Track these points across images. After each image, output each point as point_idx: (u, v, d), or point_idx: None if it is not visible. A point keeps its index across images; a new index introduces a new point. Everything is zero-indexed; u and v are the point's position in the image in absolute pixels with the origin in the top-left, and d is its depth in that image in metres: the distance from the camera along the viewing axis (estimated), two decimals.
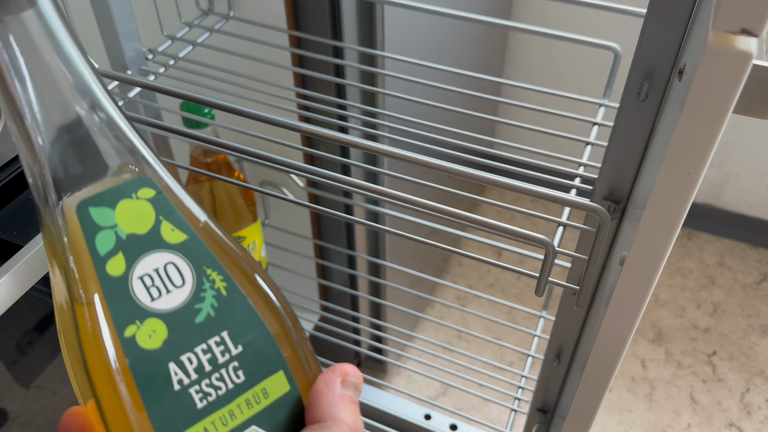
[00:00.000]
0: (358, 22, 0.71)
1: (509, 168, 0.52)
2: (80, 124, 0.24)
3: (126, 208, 0.25)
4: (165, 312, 0.24)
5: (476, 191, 1.49)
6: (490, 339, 0.77)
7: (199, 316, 0.25)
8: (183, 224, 0.25)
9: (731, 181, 1.43)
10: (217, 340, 0.24)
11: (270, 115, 0.47)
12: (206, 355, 0.24)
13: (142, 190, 0.25)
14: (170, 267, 0.25)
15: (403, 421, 0.84)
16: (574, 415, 0.50)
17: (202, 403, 0.24)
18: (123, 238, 0.24)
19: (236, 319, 0.25)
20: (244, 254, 0.27)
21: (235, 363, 0.25)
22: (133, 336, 0.23)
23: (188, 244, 0.25)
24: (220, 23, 0.69)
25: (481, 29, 1.14)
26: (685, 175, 0.32)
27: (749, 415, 1.20)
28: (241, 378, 0.25)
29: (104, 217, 0.24)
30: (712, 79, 0.28)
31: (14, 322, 0.50)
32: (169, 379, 0.23)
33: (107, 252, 0.24)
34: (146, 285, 0.24)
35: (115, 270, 0.24)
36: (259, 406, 0.25)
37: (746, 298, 1.39)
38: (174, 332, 0.24)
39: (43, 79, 0.24)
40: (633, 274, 0.38)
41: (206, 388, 0.24)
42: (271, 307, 0.26)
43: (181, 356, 0.24)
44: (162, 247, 0.25)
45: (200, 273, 0.25)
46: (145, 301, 0.24)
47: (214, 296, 0.25)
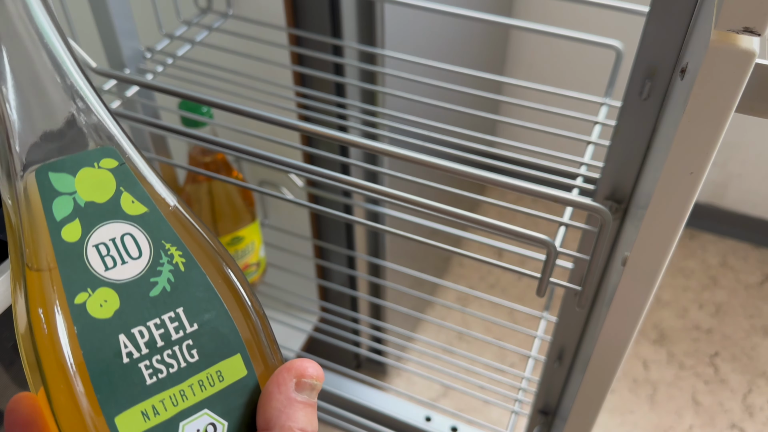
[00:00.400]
0: (358, 20, 0.71)
1: (510, 167, 0.52)
2: (47, 96, 0.24)
3: (87, 176, 0.24)
4: (118, 282, 0.23)
5: (477, 191, 1.48)
6: (491, 340, 0.77)
7: (155, 290, 0.24)
8: (144, 197, 0.25)
9: (734, 181, 1.43)
10: (171, 315, 0.24)
11: (269, 114, 0.46)
12: (159, 330, 0.23)
13: (105, 160, 0.25)
14: (127, 238, 0.24)
15: (403, 423, 0.84)
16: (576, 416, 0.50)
17: (152, 379, 0.23)
18: (81, 205, 0.24)
19: (193, 297, 0.24)
20: (208, 234, 0.26)
21: (189, 341, 0.24)
22: (83, 303, 0.23)
23: (148, 217, 0.25)
24: (218, 21, 0.69)
25: (482, 27, 1.13)
26: (687, 175, 0.32)
27: (751, 416, 1.20)
28: (195, 357, 0.24)
29: (63, 183, 0.24)
30: (715, 78, 0.28)
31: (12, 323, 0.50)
32: (119, 352, 0.23)
33: (63, 218, 0.23)
34: (101, 254, 0.24)
35: (71, 236, 0.23)
36: (212, 389, 0.24)
37: (749, 298, 1.38)
38: (126, 304, 0.23)
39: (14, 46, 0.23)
40: (635, 274, 0.38)
41: (157, 364, 0.23)
42: (232, 288, 0.25)
43: (132, 329, 0.23)
44: (120, 218, 0.24)
45: (158, 247, 0.24)
46: (99, 270, 0.23)
47: (171, 271, 0.24)
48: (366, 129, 0.62)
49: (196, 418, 0.24)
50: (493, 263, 0.48)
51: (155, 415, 0.23)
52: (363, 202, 0.83)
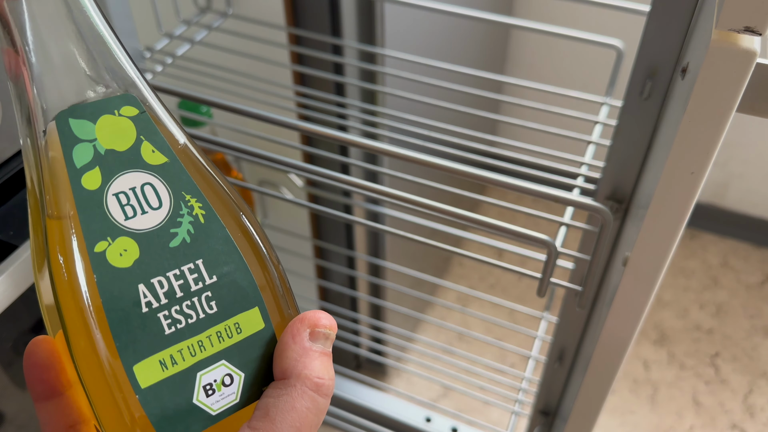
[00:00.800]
0: (358, 19, 0.70)
1: (511, 167, 0.52)
2: (72, 43, 0.24)
3: (107, 123, 0.24)
4: (138, 231, 0.23)
5: (477, 191, 1.48)
6: (491, 340, 0.76)
7: (174, 241, 0.24)
8: (164, 147, 0.25)
9: (735, 181, 1.43)
10: (190, 267, 0.24)
11: (269, 113, 0.46)
12: (178, 281, 0.23)
13: (125, 108, 0.24)
14: (147, 188, 0.24)
15: (403, 423, 0.84)
16: (576, 417, 0.50)
17: (171, 329, 0.23)
18: (101, 152, 0.24)
19: (213, 249, 0.24)
20: (227, 186, 0.26)
21: (208, 293, 0.24)
22: (103, 252, 0.23)
23: (168, 167, 0.24)
24: (218, 21, 0.68)
25: (482, 27, 1.13)
26: (688, 175, 0.32)
27: (752, 416, 1.19)
28: (214, 309, 0.24)
29: (84, 129, 0.24)
30: (716, 78, 0.28)
31: (10, 323, 0.50)
32: (138, 301, 0.23)
33: (84, 165, 0.23)
34: (121, 203, 0.23)
35: (91, 184, 0.23)
36: (230, 341, 0.24)
37: (750, 299, 1.38)
38: (146, 253, 0.23)
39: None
40: (636, 274, 0.37)
41: (176, 315, 0.23)
42: (250, 241, 0.25)
43: (151, 279, 0.23)
44: (141, 167, 0.24)
45: (178, 198, 0.24)
46: (119, 219, 0.23)
47: (191, 222, 0.24)
48: (366, 129, 0.62)
49: (214, 369, 0.24)
50: (493, 263, 0.48)
51: (173, 365, 0.23)
52: (363, 202, 0.83)
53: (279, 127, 0.47)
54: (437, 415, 0.85)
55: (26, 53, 0.23)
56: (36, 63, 0.23)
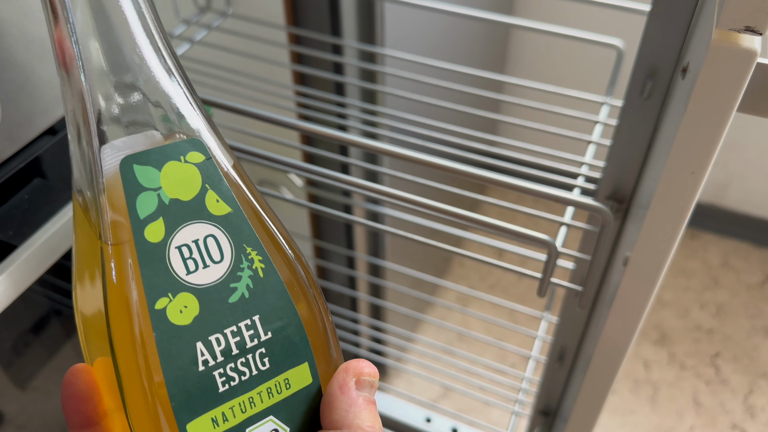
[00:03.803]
0: (358, 18, 0.70)
1: (511, 167, 0.52)
2: (137, 75, 0.23)
3: (172, 170, 0.23)
4: (199, 287, 0.23)
5: (477, 191, 1.48)
6: (491, 341, 0.76)
7: (234, 296, 0.23)
8: (229, 196, 0.24)
9: (735, 181, 1.43)
10: (247, 323, 0.23)
11: (269, 113, 0.46)
12: (235, 338, 0.23)
13: (192, 154, 0.23)
14: (210, 240, 0.23)
15: (403, 424, 0.84)
16: (577, 417, 0.50)
17: (224, 387, 0.23)
18: (166, 202, 0.23)
19: (270, 304, 0.24)
20: (283, 233, 0.25)
21: (262, 349, 0.24)
22: (164, 309, 0.22)
23: (231, 218, 0.24)
24: (218, 20, 0.68)
25: (482, 26, 1.13)
26: (689, 175, 0.32)
27: (753, 417, 1.19)
28: (266, 366, 0.24)
29: (149, 177, 0.23)
30: (716, 78, 0.28)
31: (10, 324, 0.50)
32: (195, 359, 0.22)
33: (148, 215, 0.22)
34: (183, 256, 0.23)
35: (154, 236, 0.22)
36: (279, 396, 0.24)
37: (750, 299, 1.38)
38: (206, 310, 0.23)
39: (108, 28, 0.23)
40: (636, 274, 0.37)
41: (230, 372, 0.23)
42: (305, 294, 0.25)
43: (209, 336, 0.23)
44: (204, 218, 0.23)
45: (240, 250, 0.24)
46: (181, 273, 0.23)
47: (250, 277, 0.24)
48: (366, 128, 0.62)
49: (262, 425, 0.24)
50: (493, 263, 0.48)
51: (224, 422, 0.23)
52: (363, 202, 0.83)
53: (279, 127, 0.47)
54: (437, 416, 0.85)
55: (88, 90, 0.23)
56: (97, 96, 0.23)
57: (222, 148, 0.25)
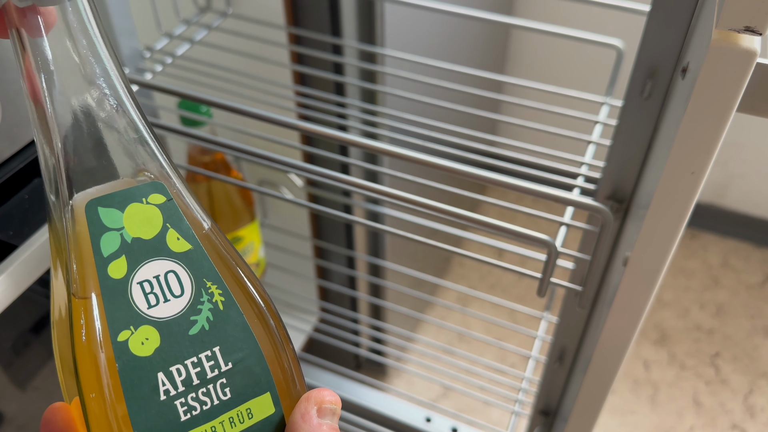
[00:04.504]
0: (358, 18, 0.70)
1: (511, 167, 0.52)
2: (101, 123, 0.24)
3: (135, 211, 0.25)
4: (160, 320, 0.24)
5: (477, 191, 1.48)
6: (491, 340, 0.76)
7: (194, 329, 0.24)
8: (189, 234, 0.25)
9: (735, 181, 1.43)
10: (208, 354, 0.24)
11: (269, 113, 0.46)
12: (196, 368, 0.24)
13: (153, 196, 0.25)
14: (171, 276, 0.24)
15: (403, 424, 0.84)
16: (577, 417, 0.50)
17: (186, 416, 0.24)
18: (128, 241, 0.24)
19: (230, 336, 0.25)
20: (244, 269, 0.26)
21: (223, 380, 0.24)
22: (126, 341, 0.23)
23: (192, 254, 0.25)
24: (218, 20, 0.68)
25: (482, 26, 1.13)
26: (689, 175, 0.32)
27: (753, 417, 1.19)
28: (228, 396, 0.24)
29: (112, 218, 0.24)
30: (716, 78, 0.28)
31: (10, 324, 0.50)
32: (156, 389, 0.23)
33: (111, 254, 0.24)
34: (145, 291, 0.24)
35: (117, 273, 0.24)
36: (241, 426, 0.25)
37: (750, 299, 1.38)
38: (167, 342, 0.24)
39: (70, 73, 0.24)
40: (636, 274, 0.37)
41: (192, 402, 0.24)
42: (266, 326, 0.26)
43: (170, 367, 0.24)
44: (165, 255, 0.25)
45: (200, 285, 0.25)
46: (142, 307, 0.24)
47: (210, 310, 0.25)
48: (366, 128, 0.62)
49: None
50: (493, 263, 0.48)
51: None
52: (363, 202, 0.83)
53: (279, 127, 0.47)
54: (437, 415, 0.85)
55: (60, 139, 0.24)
56: (70, 149, 0.24)
57: (188, 195, 0.26)
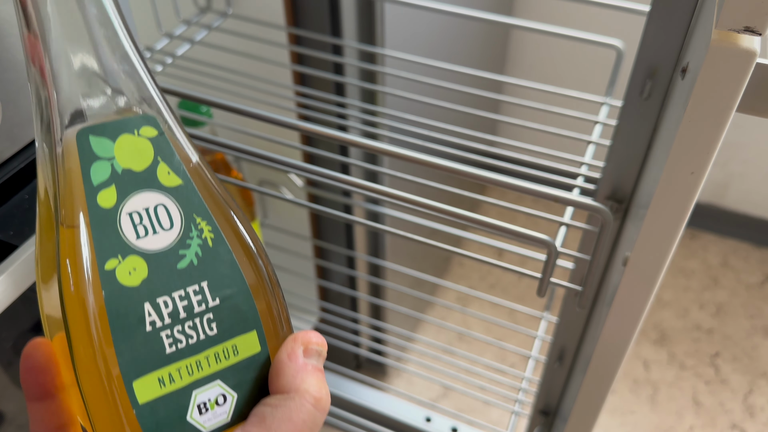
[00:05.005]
0: (358, 19, 0.70)
1: (511, 167, 0.52)
2: (95, 57, 0.24)
3: (126, 142, 0.24)
4: (148, 252, 0.24)
5: (477, 191, 1.48)
6: (491, 340, 0.76)
7: (182, 262, 0.24)
8: (180, 169, 0.25)
9: (735, 181, 1.43)
10: (195, 288, 0.24)
11: (269, 113, 0.46)
12: (183, 301, 0.24)
13: (145, 128, 0.25)
14: (160, 209, 0.25)
15: (403, 423, 0.84)
16: (576, 417, 0.50)
17: (171, 348, 0.24)
18: (118, 171, 0.24)
19: (218, 272, 0.25)
20: (235, 208, 0.26)
21: (210, 315, 0.25)
22: (113, 270, 0.23)
23: (182, 189, 0.25)
24: (218, 21, 0.68)
25: (482, 27, 1.13)
26: (688, 175, 0.32)
27: (752, 416, 1.19)
28: (214, 331, 0.25)
29: (103, 147, 0.24)
30: (716, 78, 0.28)
31: (10, 324, 0.50)
32: (143, 320, 0.23)
33: (100, 183, 0.24)
34: (134, 222, 0.24)
35: (106, 202, 0.24)
36: (227, 362, 0.25)
37: (750, 299, 1.38)
38: (154, 273, 0.24)
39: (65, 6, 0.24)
40: (636, 274, 0.37)
41: (177, 335, 0.24)
42: (254, 265, 0.26)
43: (157, 298, 0.24)
44: (155, 188, 0.25)
45: (189, 220, 0.25)
46: (131, 238, 0.24)
47: (199, 245, 0.25)
48: (366, 129, 0.62)
49: (209, 389, 0.24)
50: (493, 263, 0.48)
51: (171, 383, 0.24)
52: (363, 202, 0.83)
53: (279, 127, 0.47)
54: (437, 415, 0.85)
55: (50, 62, 0.24)
56: (59, 73, 0.24)
57: (178, 129, 0.26)
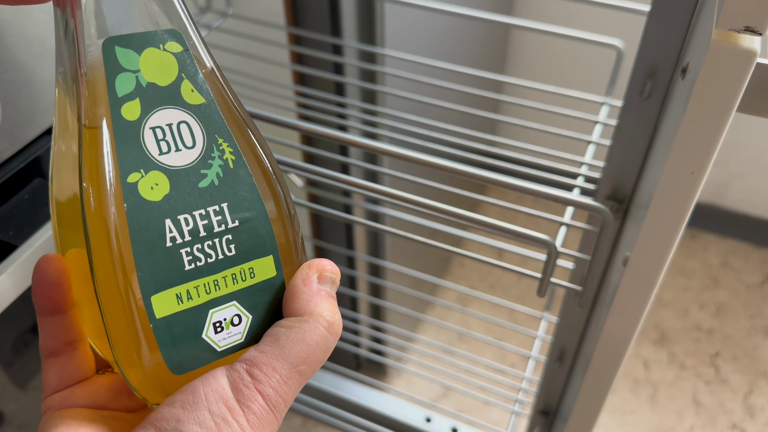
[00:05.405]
0: (358, 18, 0.70)
1: (511, 167, 0.52)
2: None
3: (151, 56, 0.24)
4: (171, 168, 0.24)
5: (477, 191, 1.48)
6: (491, 340, 0.76)
7: (204, 182, 0.24)
8: (203, 88, 0.25)
9: (735, 181, 1.43)
10: (216, 209, 0.25)
11: (269, 113, 0.46)
12: (203, 221, 0.24)
13: (170, 44, 0.25)
14: (183, 126, 0.24)
15: (403, 424, 0.84)
16: (576, 417, 0.50)
17: (190, 266, 0.24)
18: (143, 84, 0.24)
19: (238, 194, 0.25)
20: (254, 129, 0.26)
21: (228, 236, 0.25)
22: (135, 183, 0.23)
23: (205, 108, 0.25)
24: (218, 20, 0.68)
25: (482, 27, 1.13)
26: (688, 175, 0.32)
27: (752, 416, 1.19)
28: (232, 252, 0.25)
29: (128, 59, 0.24)
30: (716, 78, 0.28)
31: (10, 323, 0.50)
32: (163, 235, 0.23)
33: (125, 94, 0.24)
34: (157, 137, 0.24)
35: (130, 114, 0.24)
36: (243, 284, 0.25)
37: (750, 298, 1.38)
38: (176, 190, 0.24)
39: None
40: (636, 274, 0.37)
41: (197, 253, 0.24)
42: (273, 191, 0.26)
43: (178, 215, 0.24)
44: (179, 105, 0.24)
45: (211, 140, 0.25)
46: (154, 153, 0.24)
47: (221, 166, 0.25)
48: (366, 128, 0.62)
49: (225, 308, 0.25)
50: (493, 263, 0.48)
51: (188, 300, 0.24)
52: (363, 202, 0.83)
53: (279, 126, 0.47)
54: (437, 415, 0.85)
55: None
56: None
57: (202, 47, 0.26)
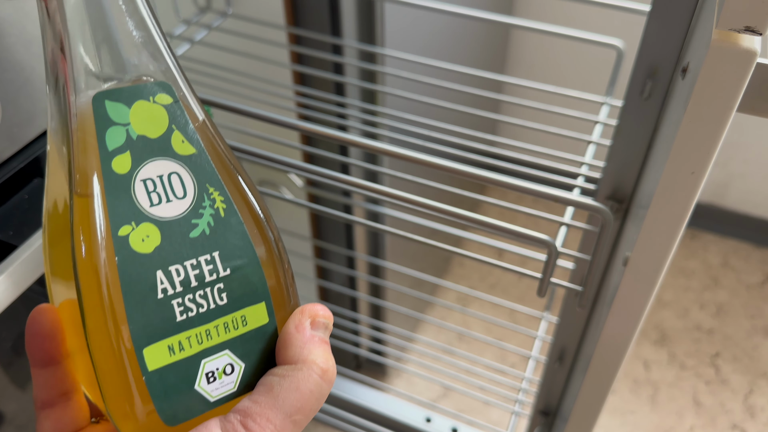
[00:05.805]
0: (358, 18, 0.70)
1: (511, 167, 0.52)
2: (111, 22, 0.24)
3: (141, 109, 0.25)
4: (162, 219, 0.24)
5: (477, 191, 1.48)
6: (491, 341, 0.76)
7: (195, 232, 0.25)
8: (194, 138, 0.25)
9: (735, 181, 1.43)
10: (207, 258, 0.25)
11: (269, 113, 0.46)
12: (194, 270, 0.24)
13: (160, 95, 0.25)
14: (174, 177, 0.25)
15: (403, 424, 0.84)
16: (577, 417, 0.50)
17: (182, 317, 0.24)
18: (133, 138, 0.24)
19: (229, 243, 0.25)
20: (243, 175, 0.27)
21: (220, 285, 0.25)
22: (126, 236, 0.23)
23: (196, 158, 0.25)
24: (218, 20, 0.68)
25: (482, 26, 1.13)
26: (689, 175, 0.32)
27: (753, 416, 1.19)
28: (224, 301, 0.25)
29: (119, 112, 0.24)
30: (716, 78, 0.28)
31: (10, 324, 0.50)
32: (154, 287, 0.24)
33: (115, 148, 0.24)
34: (148, 189, 0.24)
35: (120, 168, 0.24)
36: (236, 332, 0.25)
37: (750, 299, 1.38)
38: (167, 241, 0.24)
39: None
40: (636, 274, 0.37)
41: (188, 303, 0.24)
42: (264, 236, 0.26)
43: (170, 266, 0.24)
44: (170, 156, 0.25)
45: (202, 189, 0.25)
46: (145, 205, 0.24)
47: (212, 215, 0.25)
48: (366, 128, 0.62)
49: (217, 358, 0.25)
50: (493, 263, 0.48)
51: (180, 351, 0.24)
52: (363, 202, 0.83)
53: (279, 127, 0.47)
54: (437, 415, 0.85)
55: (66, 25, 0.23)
56: (75, 37, 0.24)
57: (192, 96, 0.26)
